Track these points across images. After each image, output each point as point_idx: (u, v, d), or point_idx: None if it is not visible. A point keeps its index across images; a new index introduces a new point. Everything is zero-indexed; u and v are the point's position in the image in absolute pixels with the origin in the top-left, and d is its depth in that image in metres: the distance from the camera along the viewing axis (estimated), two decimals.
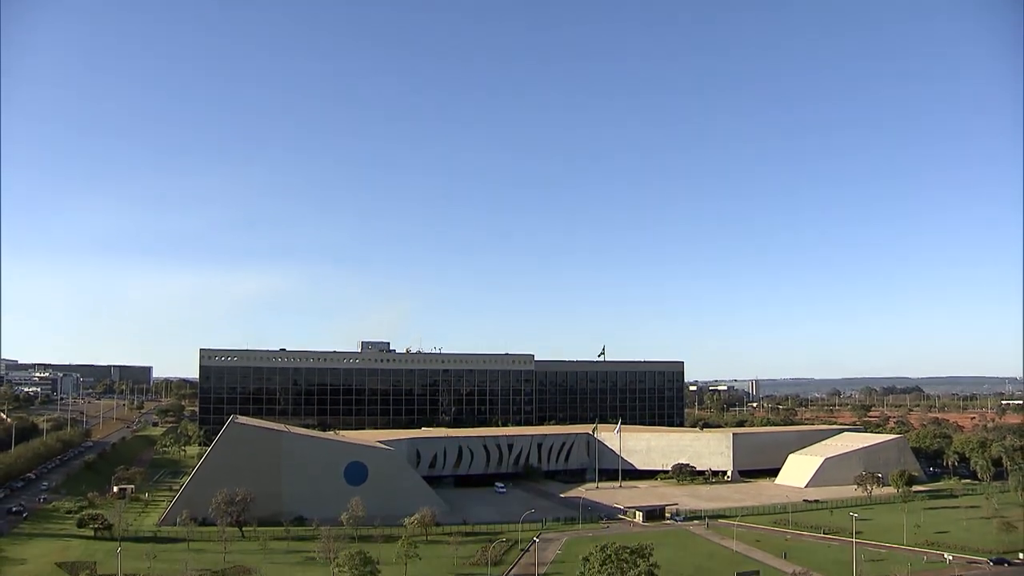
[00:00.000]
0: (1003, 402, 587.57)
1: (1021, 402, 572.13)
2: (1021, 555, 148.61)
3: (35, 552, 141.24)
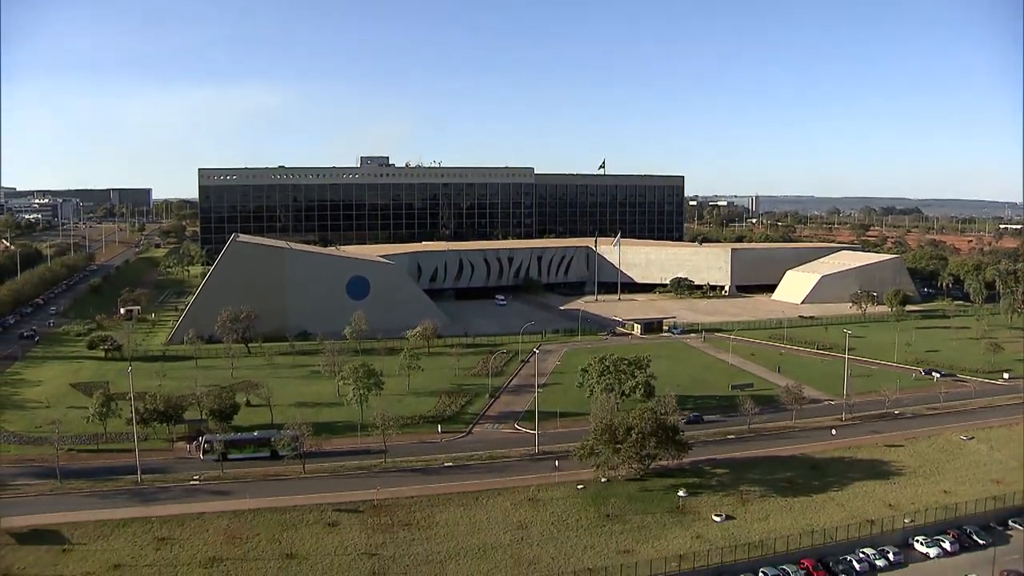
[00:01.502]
0: (1001, 226, 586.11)
1: (1019, 227, 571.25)
2: (1005, 375, 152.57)
3: (50, 374, 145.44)
